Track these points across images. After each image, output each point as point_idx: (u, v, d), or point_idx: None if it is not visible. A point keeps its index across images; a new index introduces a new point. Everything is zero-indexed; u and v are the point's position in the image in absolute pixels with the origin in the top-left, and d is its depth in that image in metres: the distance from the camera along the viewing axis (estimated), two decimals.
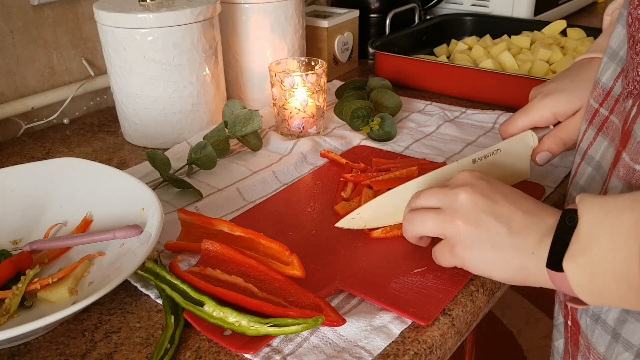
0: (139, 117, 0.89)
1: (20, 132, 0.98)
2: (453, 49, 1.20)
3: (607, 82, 0.53)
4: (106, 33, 0.86)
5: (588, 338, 0.51)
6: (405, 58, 1.09)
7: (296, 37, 1.03)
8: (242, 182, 0.78)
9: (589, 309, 0.51)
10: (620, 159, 0.47)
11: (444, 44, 1.24)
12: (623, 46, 0.51)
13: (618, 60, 0.52)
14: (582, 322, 0.53)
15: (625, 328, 0.47)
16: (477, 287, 0.58)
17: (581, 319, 0.53)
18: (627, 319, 0.47)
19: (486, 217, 0.50)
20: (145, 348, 0.52)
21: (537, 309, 1.29)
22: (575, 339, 0.55)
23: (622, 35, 0.51)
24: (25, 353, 0.53)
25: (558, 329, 0.60)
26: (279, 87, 0.88)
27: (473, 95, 1.03)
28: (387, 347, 0.51)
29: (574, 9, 1.57)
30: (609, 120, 0.51)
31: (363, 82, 1.01)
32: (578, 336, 0.54)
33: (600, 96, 0.53)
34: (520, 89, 0.95)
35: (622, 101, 0.49)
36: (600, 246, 0.41)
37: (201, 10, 0.85)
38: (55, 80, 1.01)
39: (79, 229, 0.66)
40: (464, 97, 1.04)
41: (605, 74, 0.53)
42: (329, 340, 0.52)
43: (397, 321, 0.54)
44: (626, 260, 0.40)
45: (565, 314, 0.56)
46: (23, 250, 0.62)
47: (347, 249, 0.63)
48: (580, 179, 0.55)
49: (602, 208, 0.42)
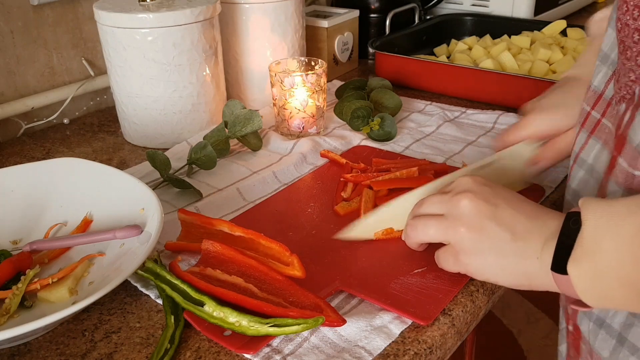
0: (139, 117, 0.89)
1: (20, 132, 0.98)
2: (453, 49, 1.20)
3: (599, 85, 0.52)
4: (106, 33, 0.86)
5: (590, 343, 0.51)
6: (405, 58, 1.09)
7: (296, 37, 1.03)
8: (242, 182, 0.78)
9: (592, 314, 0.51)
10: (617, 164, 0.47)
11: (444, 44, 1.24)
12: (614, 49, 0.51)
13: (609, 63, 0.51)
14: (583, 327, 0.52)
15: (632, 332, 0.47)
16: (477, 287, 0.58)
17: (582, 324, 0.53)
18: (633, 322, 0.47)
19: (489, 223, 0.50)
20: (145, 348, 0.52)
21: (537, 309, 1.29)
22: (577, 344, 0.55)
23: (612, 38, 0.51)
24: (25, 353, 0.53)
25: (562, 333, 0.60)
26: (279, 87, 0.88)
27: (473, 95, 1.03)
28: (387, 347, 0.51)
29: (574, 9, 1.57)
30: (601, 123, 0.51)
31: (363, 82, 1.01)
32: (579, 341, 0.54)
33: (592, 99, 0.53)
34: (520, 89, 0.95)
35: (614, 105, 0.49)
36: (604, 250, 0.41)
37: (201, 10, 0.85)
38: (55, 80, 1.01)
39: (79, 229, 0.66)
40: (464, 97, 1.04)
41: (596, 77, 0.53)
42: (329, 340, 0.52)
43: (397, 321, 0.54)
44: (630, 264, 0.40)
45: (567, 319, 0.56)
46: (23, 250, 0.62)
47: (347, 249, 0.63)
48: (572, 182, 0.55)
49: (606, 211, 0.42)
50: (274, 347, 0.52)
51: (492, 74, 1.00)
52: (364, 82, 1.01)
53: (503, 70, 1.05)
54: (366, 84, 1.01)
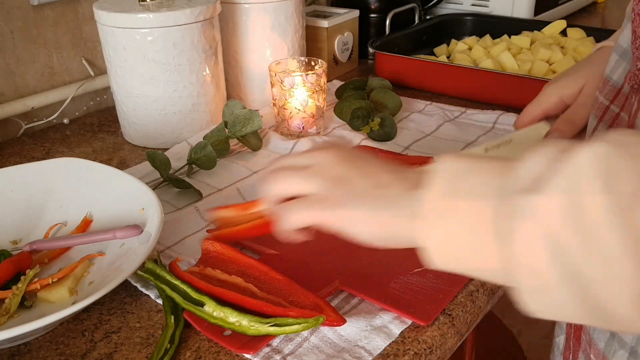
0: (139, 117, 0.89)
1: (20, 132, 0.98)
2: (453, 49, 1.20)
3: (618, 80, 0.53)
4: (106, 33, 0.86)
5: (590, 333, 0.51)
6: (405, 58, 1.09)
7: (296, 37, 1.03)
8: (242, 182, 0.78)
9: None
10: None
11: (444, 44, 1.24)
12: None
13: (628, 59, 0.52)
14: None
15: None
16: (477, 287, 0.58)
17: None
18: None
19: (351, 171, 0.47)
20: (145, 348, 0.52)
21: None
22: (578, 335, 0.55)
23: (630, 33, 0.52)
24: (25, 353, 0.53)
25: (560, 325, 0.59)
26: (279, 87, 0.88)
27: (473, 95, 1.03)
28: (387, 347, 0.51)
29: (574, 9, 1.57)
30: (620, 117, 0.52)
31: (363, 82, 1.01)
32: (580, 332, 0.54)
33: (611, 93, 0.53)
34: (520, 89, 0.95)
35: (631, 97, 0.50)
36: (456, 210, 0.39)
37: (201, 10, 0.85)
38: (55, 80, 1.01)
39: (79, 229, 0.66)
40: (464, 97, 1.04)
41: (616, 72, 0.53)
42: (329, 340, 0.52)
43: (397, 321, 0.54)
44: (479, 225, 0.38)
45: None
46: (23, 250, 0.62)
47: (347, 249, 0.63)
48: None
49: (459, 168, 0.40)
50: (274, 347, 0.52)
51: (492, 74, 1.00)
52: (364, 82, 1.01)
53: (503, 70, 1.05)
54: (366, 84, 1.01)
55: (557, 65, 1.06)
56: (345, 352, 0.50)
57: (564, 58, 1.07)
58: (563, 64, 1.05)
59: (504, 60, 1.07)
